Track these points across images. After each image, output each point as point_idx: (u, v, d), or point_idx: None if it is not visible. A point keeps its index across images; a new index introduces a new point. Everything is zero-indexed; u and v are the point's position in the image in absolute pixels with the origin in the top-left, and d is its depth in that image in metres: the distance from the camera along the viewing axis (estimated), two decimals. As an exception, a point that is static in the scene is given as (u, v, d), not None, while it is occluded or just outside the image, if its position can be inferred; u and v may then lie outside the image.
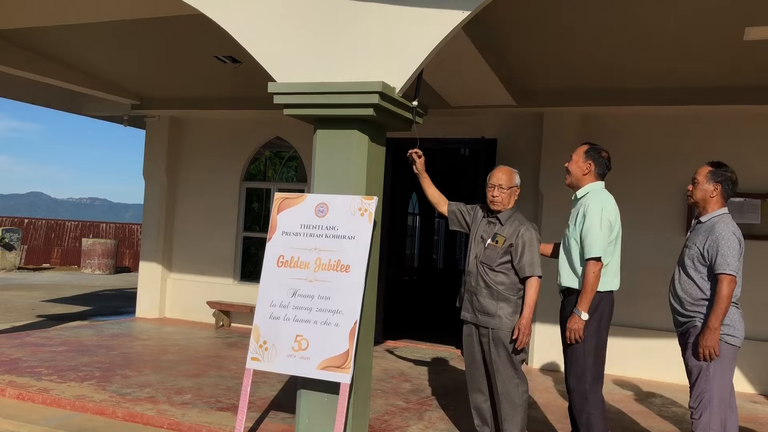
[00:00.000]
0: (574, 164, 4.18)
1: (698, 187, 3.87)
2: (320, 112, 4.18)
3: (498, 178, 4.22)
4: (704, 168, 3.89)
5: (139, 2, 5.49)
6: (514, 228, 4.16)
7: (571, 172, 4.19)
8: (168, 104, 9.40)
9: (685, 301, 3.86)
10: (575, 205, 4.18)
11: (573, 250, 4.05)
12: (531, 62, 6.61)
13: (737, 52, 5.78)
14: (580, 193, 4.16)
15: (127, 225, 25.63)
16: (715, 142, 7.31)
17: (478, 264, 4.19)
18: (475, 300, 4.20)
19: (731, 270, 3.67)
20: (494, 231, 4.19)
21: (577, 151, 4.22)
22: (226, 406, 5.25)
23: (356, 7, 4.13)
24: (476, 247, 4.25)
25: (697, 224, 3.92)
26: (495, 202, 4.21)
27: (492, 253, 4.15)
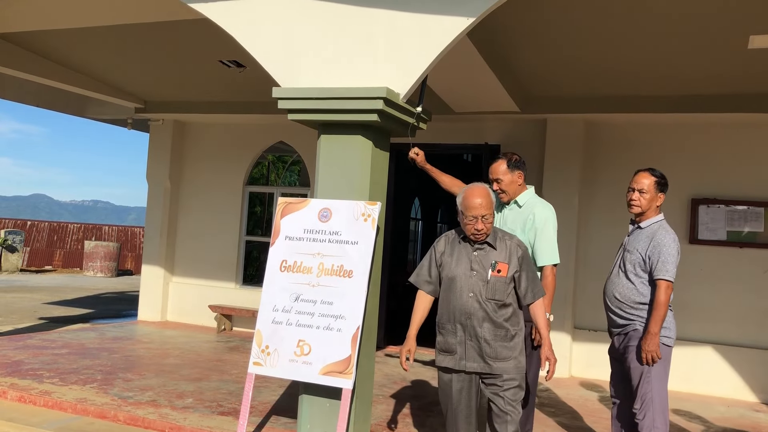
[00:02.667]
0: (506, 184, 4.18)
1: (646, 197, 3.94)
2: (324, 117, 4.19)
3: (480, 207, 3.43)
4: (648, 177, 3.98)
5: (144, 6, 5.51)
6: (505, 245, 3.54)
7: (506, 192, 4.19)
8: (172, 108, 9.42)
9: (624, 304, 3.96)
10: (511, 210, 4.24)
11: None
12: (535, 69, 6.62)
13: (741, 60, 5.78)
14: (521, 200, 4.23)
15: (129, 228, 25.67)
16: (718, 150, 7.31)
17: (484, 303, 3.45)
18: (485, 346, 3.45)
19: (669, 276, 3.81)
20: (490, 259, 3.49)
21: (497, 171, 4.19)
22: (227, 411, 5.25)
23: (361, 13, 4.14)
24: (468, 282, 3.48)
25: (636, 229, 4.03)
26: (480, 234, 3.49)
27: (499, 286, 3.46)
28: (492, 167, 4.23)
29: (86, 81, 8.35)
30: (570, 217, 7.51)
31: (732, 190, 7.22)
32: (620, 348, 4.00)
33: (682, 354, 7.20)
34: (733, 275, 7.11)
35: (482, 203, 3.44)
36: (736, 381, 7.05)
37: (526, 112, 7.52)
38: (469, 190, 3.51)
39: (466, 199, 3.48)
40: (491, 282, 3.46)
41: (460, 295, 3.47)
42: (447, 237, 3.67)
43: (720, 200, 7.22)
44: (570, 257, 7.52)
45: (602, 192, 7.66)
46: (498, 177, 4.18)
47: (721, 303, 7.16)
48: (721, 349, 7.10)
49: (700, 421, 5.99)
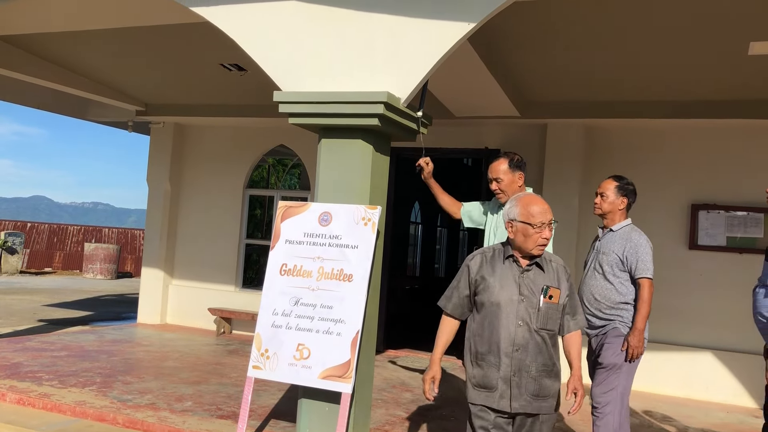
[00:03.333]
0: (506, 185, 4.14)
1: (606, 200, 4.14)
2: (325, 121, 4.20)
3: (546, 212, 3.06)
4: (611, 183, 4.18)
5: (146, 10, 5.52)
6: (552, 267, 3.14)
7: (505, 192, 4.14)
8: (173, 111, 9.43)
9: (603, 305, 4.04)
10: (497, 213, 4.24)
11: None
12: (535, 74, 6.63)
13: (741, 66, 5.79)
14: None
15: (129, 230, 25.68)
16: (718, 156, 7.32)
17: (535, 333, 3.01)
18: (531, 383, 3.01)
19: (650, 273, 3.96)
20: (540, 283, 3.06)
21: (498, 170, 4.16)
22: (226, 414, 5.25)
23: (362, 17, 4.15)
24: (517, 309, 3.01)
25: (609, 232, 4.16)
26: (545, 245, 3.08)
27: (552, 314, 3.06)
28: (492, 166, 4.14)
29: (87, 84, 8.37)
30: (570, 220, 7.51)
31: (732, 196, 7.23)
32: (596, 348, 4.09)
33: (682, 359, 7.21)
34: (732, 281, 7.10)
35: (547, 208, 3.06)
36: (736, 387, 7.05)
37: (526, 116, 7.53)
38: (526, 197, 3.11)
39: (527, 206, 3.06)
40: (543, 309, 3.03)
41: (507, 324, 3.00)
42: (484, 255, 3.17)
43: (720, 206, 7.23)
44: (569, 262, 7.52)
45: (602, 197, 7.66)
46: (498, 176, 4.09)
47: (720, 308, 7.16)
48: (720, 355, 7.09)
49: (700, 427, 5.99)
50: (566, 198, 7.56)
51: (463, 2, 3.94)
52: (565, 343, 3.21)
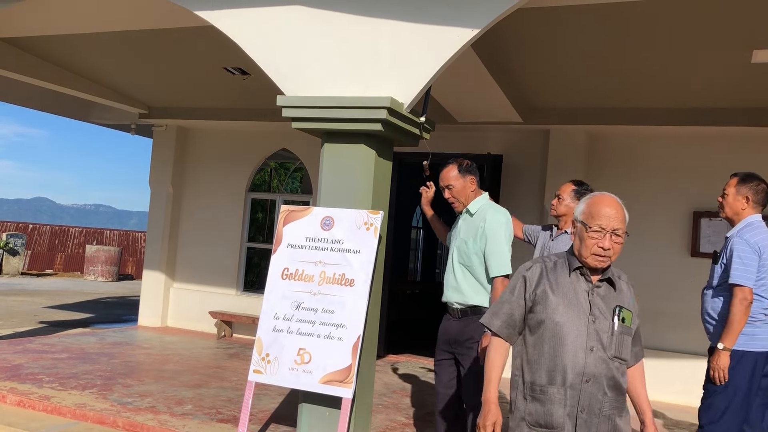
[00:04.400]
0: (457, 191, 4.00)
1: (562, 203, 4.26)
2: (328, 126, 4.21)
3: (613, 218, 2.52)
4: (569, 186, 4.29)
5: (150, 13, 5.54)
6: (622, 285, 2.66)
7: (458, 199, 3.99)
8: (176, 114, 9.45)
9: None
10: (464, 220, 3.99)
11: (476, 266, 3.88)
12: (538, 80, 6.64)
13: (745, 74, 5.80)
14: (473, 208, 3.97)
15: (131, 232, 25.69)
16: (721, 163, 7.30)
17: (609, 361, 2.51)
18: (602, 424, 2.49)
19: None
20: (612, 302, 2.58)
21: (447, 177, 3.99)
22: (226, 418, 5.24)
23: (366, 23, 4.16)
24: (587, 332, 2.51)
25: (563, 235, 4.23)
26: (604, 258, 2.54)
27: (626, 340, 2.57)
28: (442, 173, 3.99)
29: (91, 86, 8.39)
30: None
31: (734, 204, 7.21)
32: None
33: (682, 367, 7.19)
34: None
35: (616, 214, 2.52)
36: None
37: (529, 122, 7.53)
38: (597, 195, 2.62)
39: (593, 205, 2.56)
40: (617, 334, 2.53)
41: (575, 350, 2.48)
42: (544, 264, 2.66)
43: (722, 213, 7.21)
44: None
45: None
46: (449, 183, 3.96)
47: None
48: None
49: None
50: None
51: (467, 8, 3.94)
52: (630, 377, 2.67)
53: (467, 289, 3.87)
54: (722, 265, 3.72)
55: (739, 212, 3.79)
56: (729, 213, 3.83)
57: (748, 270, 3.58)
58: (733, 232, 3.76)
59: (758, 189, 3.78)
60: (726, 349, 3.58)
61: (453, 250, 3.98)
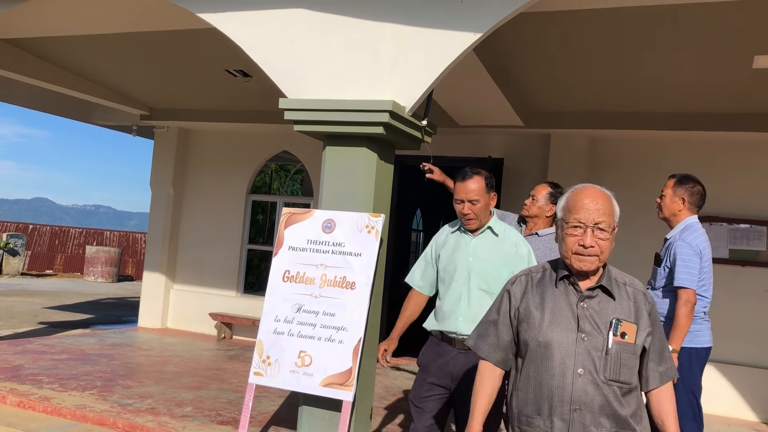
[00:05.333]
0: (480, 208, 3.46)
1: (536, 203, 4.22)
2: (330, 129, 4.21)
3: (594, 210, 2.19)
4: (545, 188, 4.25)
5: (153, 15, 5.55)
6: (626, 293, 2.26)
7: (478, 217, 3.47)
8: (177, 115, 9.46)
9: None
10: (484, 240, 3.53)
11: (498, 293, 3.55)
12: (539, 84, 6.65)
13: (745, 79, 5.80)
14: (498, 228, 3.55)
15: (131, 233, 25.69)
16: (721, 168, 7.32)
17: (602, 386, 2.16)
18: None
19: None
20: (608, 314, 2.20)
21: (472, 190, 3.41)
22: (226, 420, 5.24)
23: (368, 26, 4.16)
24: (575, 351, 2.17)
25: (533, 236, 4.18)
26: (588, 257, 2.19)
27: (626, 359, 2.19)
28: (463, 185, 3.38)
29: (92, 87, 8.39)
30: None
31: (734, 209, 7.23)
32: None
33: (683, 371, 7.19)
34: (734, 294, 7.10)
35: (598, 206, 2.17)
36: (737, 400, 7.03)
37: (530, 126, 7.54)
38: (579, 188, 2.28)
39: (572, 198, 2.24)
40: (613, 352, 2.15)
41: (563, 373, 2.16)
42: (529, 277, 2.34)
43: (722, 218, 7.22)
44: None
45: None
46: (474, 198, 3.36)
47: (721, 321, 7.11)
48: (721, 368, 7.07)
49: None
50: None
51: (469, 12, 3.95)
52: (653, 401, 2.29)
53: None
54: (665, 267, 3.81)
55: (676, 213, 3.92)
56: (666, 214, 3.95)
57: (691, 272, 3.72)
58: (674, 235, 3.86)
59: (694, 191, 3.92)
60: (674, 351, 3.65)
61: (466, 274, 3.41)
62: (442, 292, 3.55)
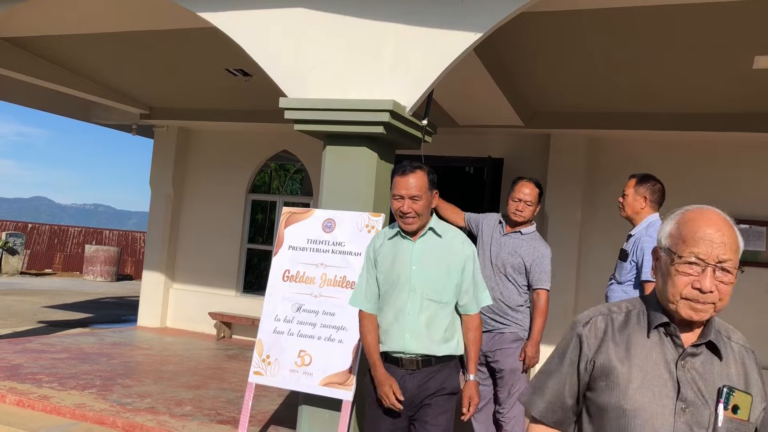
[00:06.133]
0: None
1: (532, 209, 4.16)
2: (331, 128, 4.21)
3: (717, 243, 1.64)
4: (535, 188, 4.16)
5: (152, 14, 5.54)
6: (731, 350, 1.76)
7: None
8: (177, 115, 9.46)
9: (505, 306, 4.10)
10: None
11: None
12: (540, 84, 6.64)
13: (746, 80, 5.80)
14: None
15: (130, 233, 25.68)
16: (722, 168, 7.32)
17: None
18: None
19: (549, 285, 4.11)
20: (716, 379, 1.66)
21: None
22: (226, 419, 5.24)
23: (369, 25, 4.16)
24: (674, 425, 1.60)
25: (515, 233, 4.17)
26: (704, 306, 1.67)
27: None
28: (404, 179, 2.98)
29: (92, 86, 8.39)
30: (572, 232, 7.52)
31: (734, 209, 7.16)
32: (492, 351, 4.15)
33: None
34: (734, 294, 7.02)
35: (725, 239, 1.64)
36: (736, 400, 7.02)
37: (530, 126, 7.54)
38: (696, 211, 1.73)
39: (689, 223, 1.70)
40: (724, 431, 1.61)
41: None
42: (609, 318, 1.76)
43: (722, 218, 7.22)
44: (571, 273, 7.52)
45: (604, 208, 7.66)
46: (416, 194, 2.96)
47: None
48: (721, 368, 7.07)
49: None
50: (569, 209, 7.56)
51: (470, 12, 3.95)
52: None
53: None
54: (632, 262, 3.85)
55: (638, 211, 3.99)
56: (629, 212, 4.02)
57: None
58: (639, 231, 3.90)
59: (654, 189, 4.04)
60: None
61: (410, 283, 3.01)
62: (385, 306, 3.07)
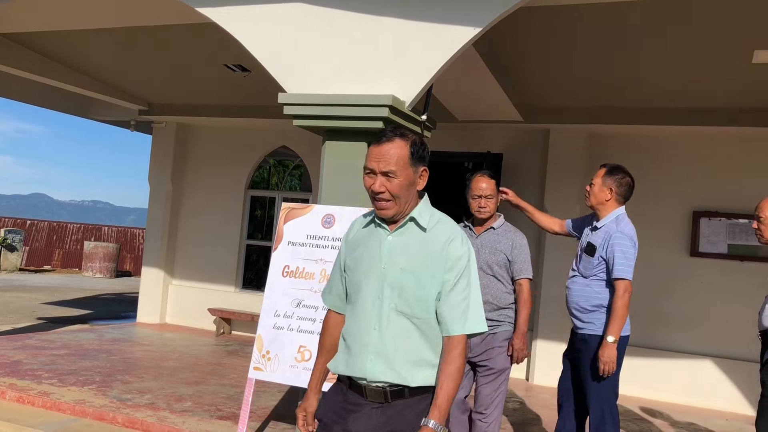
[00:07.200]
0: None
1: (494, 200, 4.00)
2: (330, 123, 4.21)
3: None
4: (490, 180, 4.03)
5: (151, 9, 5.53)
6: None
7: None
8: (176, 111, 9.44)
9: (496, 307, 3.99)
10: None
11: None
12: (539, 79, 6.64)
13: (745, 75, 5.80)
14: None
15: (129, 229, 25.66)
16: (720, 163, 7.32)
17: None
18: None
19: (530, 275, 4.03)
20: None
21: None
22: (226, 415, 5.24)
23: (368, 20, 4.15)
24: None
25: (488, 230, 4.03)
26: None
27: None
28: (379, 148, 2.32)
29: (91, 82, 8.37)
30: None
31: (733, 203, 7.23)
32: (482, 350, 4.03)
33: (682, 366, 7.21)
34: (733, 289, 7.11)
35: None
36: (736, 395, 7.04)
37: (530, 121, 7.53)
38: None
39: None
40: None
41: None
42: None
43: (721, 213, 7.23)
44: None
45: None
46: (391, 168, 2.29)
47: (721, 316, 7.16)
48: (720, 363, 7.09)
49: (699, 434, 5.99)
50: (568, 204, 7.55)
51: (469, 7, 3.94)
52: None
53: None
54: (600, 258, 3.81)
55: (603, 202, 3.94)
56: (593, 201, 3.97)
57: (630, 264, 3.76)
58: (607, 225, 3.86)
59: (622, 182, 3.97)
60: (615, 342, 3.68)
61: (377, 287, 2.30)
62: (348, 316, 2.41)
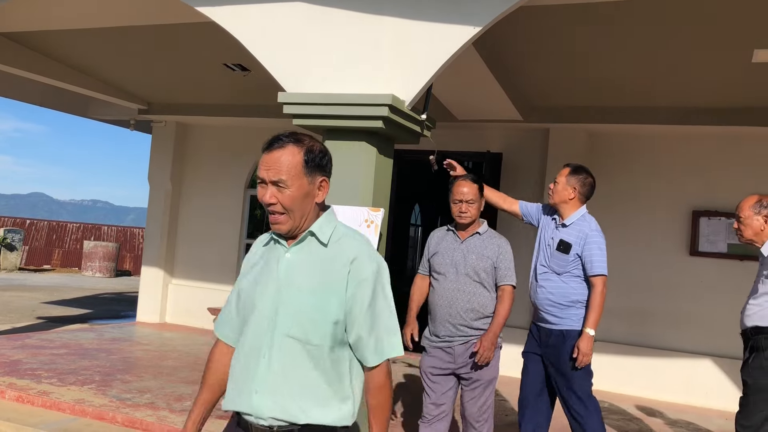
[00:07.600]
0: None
1: (473, 206, 3.87)
2: (329, 123, 4.20)
3: None
4: (473, 184, 3.93)
5: (150, 9, 5.52)
6: None
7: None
8: (175, 110, 9.44)
9: (481, 315, 3.99)
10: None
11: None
12: (539, 79, 6.64)
13: (745, 74, 5.80)
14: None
15: (128, 228, 25.66)
16: (720, 163, 7.33)
17: None
18: None
19: (514, 281, 3.97)
20: None
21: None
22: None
23: (368, 20, 4.15)
24: None
25: (473, 236, 3.95)
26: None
27: None
28: (270, 155, 2.04)
29: (90, 82, 8.37)
30: (571, 226, 7.52)
31: (733, 203, 7.16)
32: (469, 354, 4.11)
33: (681, 366, 7.21)
34: (732, 288, 7.10)
35: None
36: (735, 394, 7.02)
37: (529, 121, 7.53)
38: None
39: None
40: None
41: None
42: None
43: (721, 213, 7.23)
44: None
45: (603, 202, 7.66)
46: (282, 178, 2.01)
47: (720, 315, 7.16)
48: (720, 362, 7.09)
49: (698, 434, 5.99)
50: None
51: (469, 6, 3.94)
52: None
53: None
54: (576, 255, 3.84)
55: (566, 201, 4.00)
56: (556, 199, 4.04)
57: (605, 260, 3.83)
58: (580, 225, 3.90)
59: (585, 182, 4.05)
60: (593, 335, 3.75)
61: (271, 309, 2.06)
62: (239, 343, 2.15)
